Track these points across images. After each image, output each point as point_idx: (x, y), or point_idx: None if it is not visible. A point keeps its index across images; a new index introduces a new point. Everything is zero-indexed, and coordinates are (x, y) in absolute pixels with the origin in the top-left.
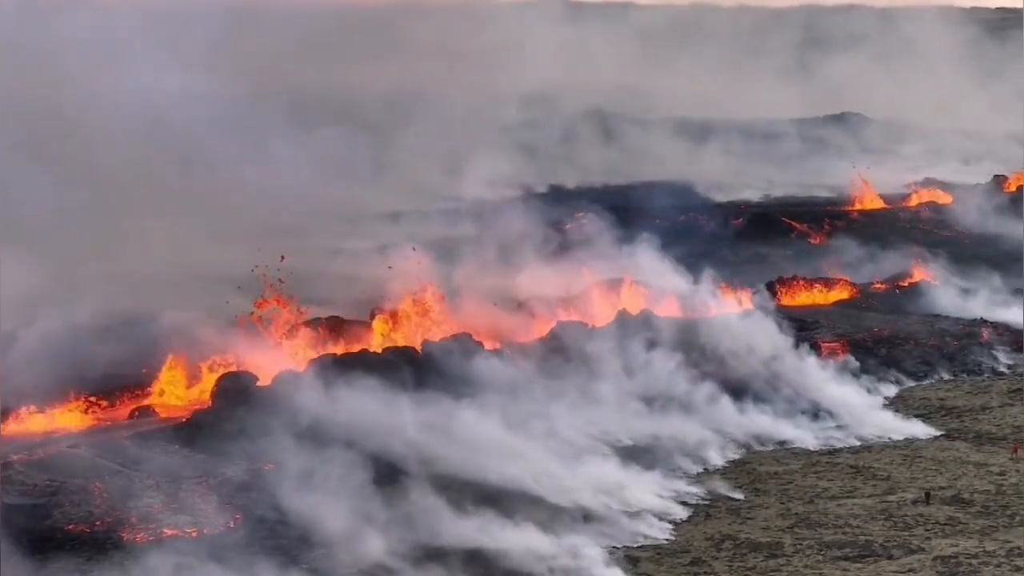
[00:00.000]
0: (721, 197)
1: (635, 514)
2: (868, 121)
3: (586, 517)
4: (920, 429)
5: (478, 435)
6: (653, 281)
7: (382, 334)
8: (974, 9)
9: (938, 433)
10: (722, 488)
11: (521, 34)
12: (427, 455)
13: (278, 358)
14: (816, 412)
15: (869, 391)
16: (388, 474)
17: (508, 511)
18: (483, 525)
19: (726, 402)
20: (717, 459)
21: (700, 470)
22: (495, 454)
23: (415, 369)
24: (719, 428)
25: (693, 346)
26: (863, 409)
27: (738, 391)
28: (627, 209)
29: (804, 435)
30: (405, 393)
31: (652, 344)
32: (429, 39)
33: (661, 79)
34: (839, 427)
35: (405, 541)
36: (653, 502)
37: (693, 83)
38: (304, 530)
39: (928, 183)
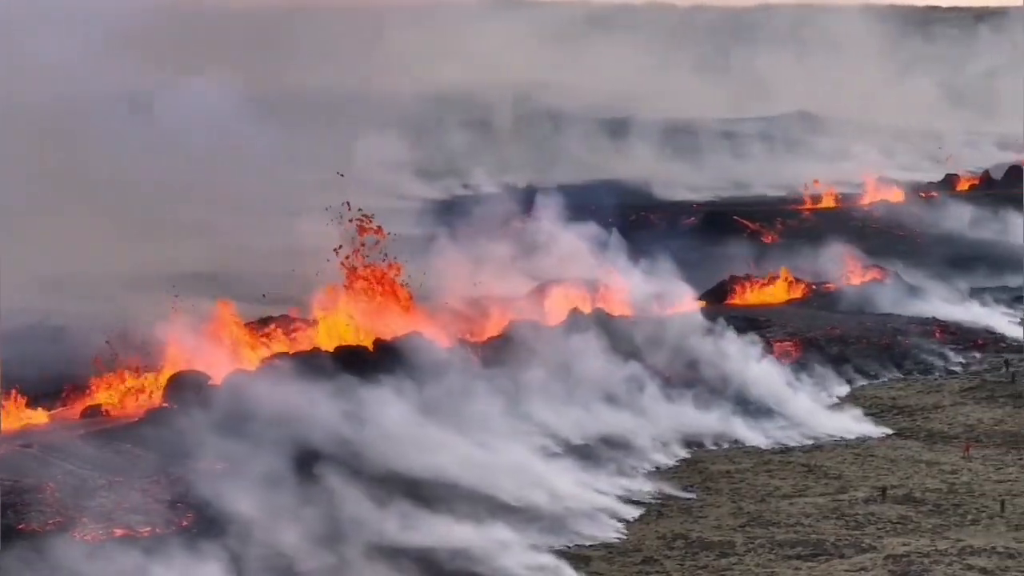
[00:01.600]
0: (672, 196)
1: (585, 513)
2: (819, 119)
3: (535, 516)
4: (872, 428)
5: (428, 435)
6: (606, 280)
7: (335, 333)
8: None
9: (890, 432)
10: (673, 487)
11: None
12: (378, 454)
13: (229, 357)
14: (768, 411)
15: (821, 390)
16: (341, 473)
17: (454, 510)
18: (431, 525)
19: (678, 401)
20: (668, 458)
21: (651, 469)
22: (447, 454)
23: (368, 367)
24: (670, 427)
25: (646, 345)
26: (815, 408)
27: (691, 390)
28: (578, 208)
29: (756, 434)
30: (359, 392)
31: (604, 343)
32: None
33: (619, 78)
34: (791, 426)
35: (359, 542)
36: (604, 501)
37: (639, 82)
38: (254, 530)
39: (881, 182)
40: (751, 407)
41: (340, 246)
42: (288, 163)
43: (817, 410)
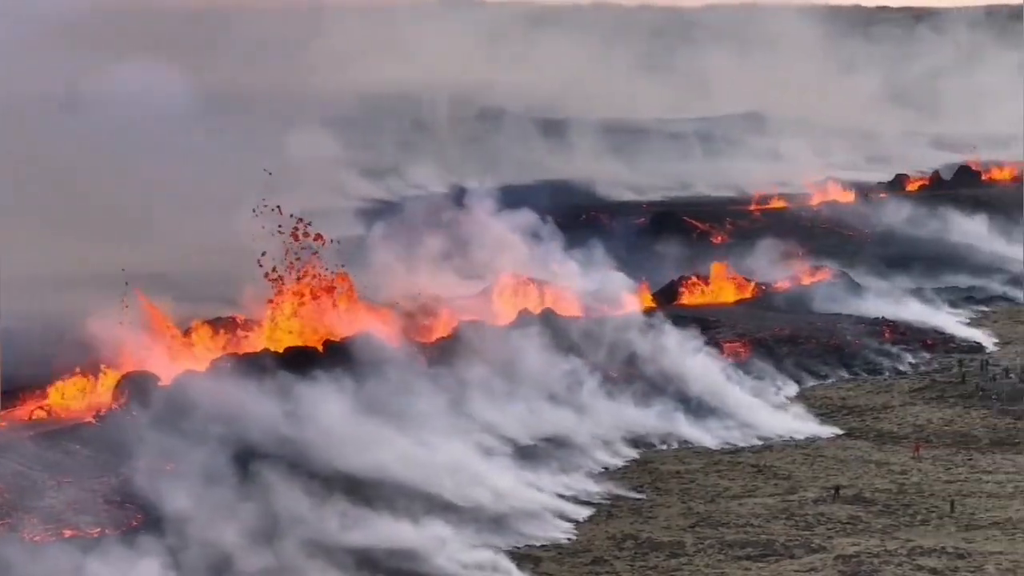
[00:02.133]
0: (619, 196)
1: (535, 513)
2: (764, 120)
3: (485, 517)
4: (822, 428)
5: (377, 435)
6: (555, 280)
7: (284, 332)
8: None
9: (840, 432)
10: (623, 487)
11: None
12: (323, 454)
13: (178, 358)
14: (717, 411)
15: (770, 390)
16: (285, 473)
17: (404, 510)
18: (381, 524)
19: (627, 401)
20: (618, 458)
21: (601, 469)
22: (396, 455)
23: (316, 368)
24: (620, 427)
25: (595, 345)
26: (764, 408)
27: (639, 390)
28: (528, 208)
29: (705, 434)
30: (306, 393)
31: (553, 343)
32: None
33: (561, 78)
34: (741, 426)
35: (302, 540)
36: (554, 501)
37: (583, 82)
38: (198, 529)
39: (830, 182)
40: (700, 408)
41: (264, 253)
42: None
43: (766, 410)
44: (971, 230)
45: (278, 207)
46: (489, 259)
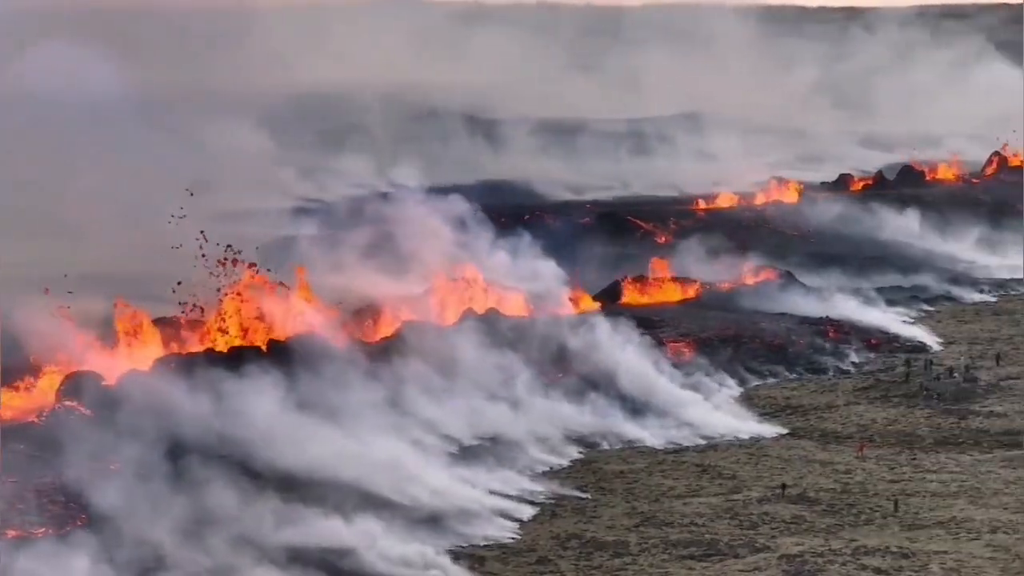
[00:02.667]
0: (560, 196)
1: (480, 513)
2: (705, 119)
3: (430, 517)
4: (766, 428)
5: (323, 436)
6: (499, 280)
7: (230, 332)
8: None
9: (784, 432)
10: (567, 487)
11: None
12: (267, 454)
13: (123, 358)
14: (661, 411)
15: (714, 390)
16: (227, 472)
17: (349, 510)
18: (316, 522)
19: (572, 401)
20: (562, 458)
21: (545, 469)
22: (341, 455)
23: (260, 367)
24: (564, 427)
25: (539, 345)
26: (709, 408)
27: (583, 390)
28: (470, 209)
29: (650, 434)
30: (249, 392)
31: (498, 343)
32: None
33: (499, 78)
34: (684, 426)
35: (240, 539)
36: (498, 501)
37: (522, 82)
38: (140, 529)
39: (774, 182)
40: (644, 408)
41: (179, 282)
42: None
43: (710, 410)
44: (915, 230)
45: (202, 232)
46: (421, 252)
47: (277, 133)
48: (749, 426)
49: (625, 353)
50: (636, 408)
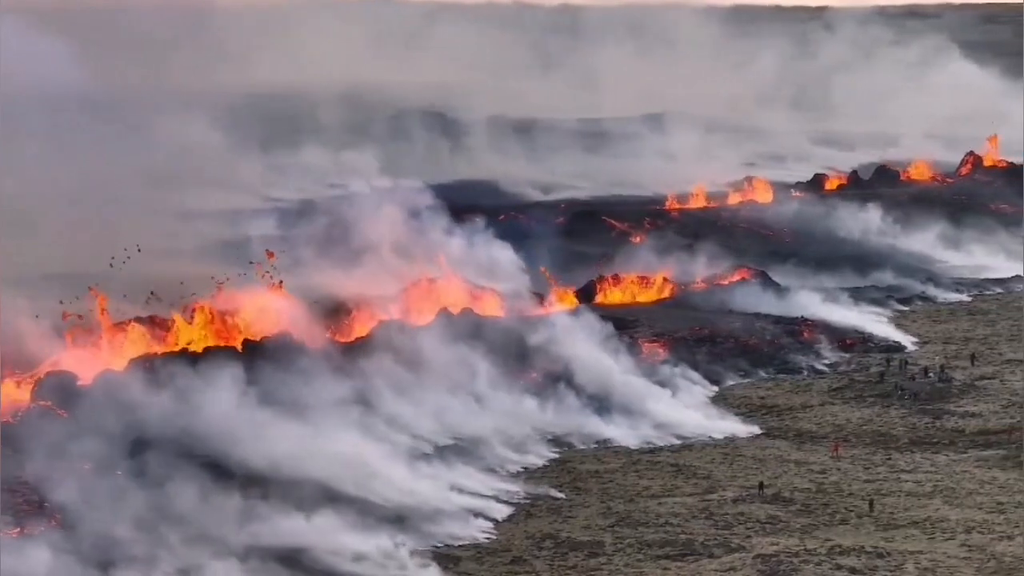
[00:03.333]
0: (536, 196)
1: (454, 513)
2: (677, 119)
3: (405, 517)
4: (740, 428)
5: (297, 435)
6: (475, 280)
7: (203, 332)
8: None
9: (759, 432)
10: (542, 487)
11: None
12: (243, 454)
13: (99, 357)
14: (636, 411)
15: (689, 389)
16: (207, 473)
17: (321, 509)
18: (298, 524)
19: (546, 401)
20: (537, 458)
21: (520, 469)
22: (312, 454)
23: (237, 367)
24: (540, 427)
25: (515, 345)
26: (683, 408)
27: (558, 390)
28: (449, 207)
29: (625, 434)
30: (223, 392)
31: (473, 343)
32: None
33: (465, 76)
34: (659, 426)
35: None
36: (473, 501)
37: (497, 82)
38: (109, 529)
39: (749, 182)
40: (618, 408)
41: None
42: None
43: (685, 410)
44: (889, 230)
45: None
46: (397, 252)
47: (240, 132)
48: (724, 426)
49: (600, 353)
50: (611, 408)
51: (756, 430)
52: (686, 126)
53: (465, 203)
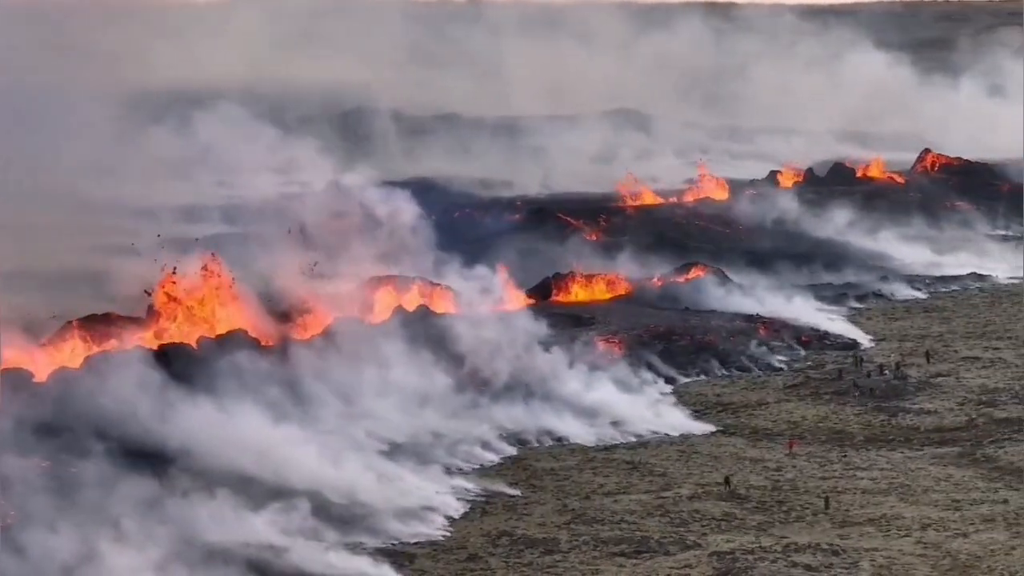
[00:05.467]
0: (494, 193)
1: (410, 510)
2: (643, 117)
3: (360, 513)
4: (696, 425)
5: (248, 432)
6: (431, 278)
7: (159, 330)
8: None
9: (714, 429)
10: (498, 484)
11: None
12: (196, 452)
13: (53, 355)
14: (592, 408)
15: (645, 387)
16: (154, 471)
17: (274, 507)
18: (252, 522)
19: (502, 399)
20: (493, 455)
21: (476, 466)
22: (267, 452)
23: (191, 365)
24: (496, 424)
25: (469, 343)
26: (639, 405)
27: (514, 388)
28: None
29: (580, 431)
30: (178, 389)
31: (429, 340)
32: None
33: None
34: (615, 423)
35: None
36: (428, 498)
37: (449, 80)
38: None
39: (705, 179)
40: (574, 405)
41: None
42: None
43: (641, 407)
44: (845, 227)
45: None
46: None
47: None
48: (679, 423)
49: (556, 351)
50: (566, 405)
51: (712, 427)
52: (655, 124)
53: (425, 200)
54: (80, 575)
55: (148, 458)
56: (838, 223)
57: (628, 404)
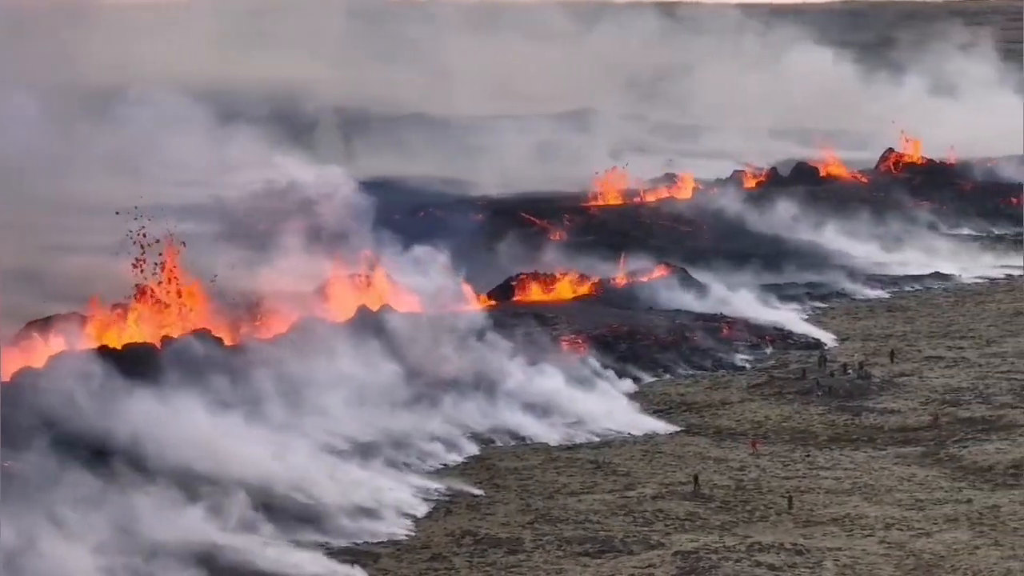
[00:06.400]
0: (455, 193)
1: (373, 510)
2: (606, 117)
3: (323, 513)
4: (660, 424)
5: (212, 432)
6: (394, 277)
7: (125, 329)
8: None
9: (678, 429)
10: (462, 484)
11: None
12: (156, 451)
13: (16, 354)
14: (555, 408)
15: (609, 386)
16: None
17: (235, 508)
18: (212, 522)
19: (466, 397)
20: (456, 455)
21: (439, 466)
22: (230, 452)
23: (154, 364)
24: (459, 423)
25: (433, 342)
26: (602, 404)
27: (476, 387)
28: (370, 204)
29: (544, 431)
30: (141, 388)
31: (393, 340)
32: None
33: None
34: (578, 423)
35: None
36: (392, 498)
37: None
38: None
39: (670, 178)
40: (538, 405)
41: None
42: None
43: (605, 407)
44: (808, 227)
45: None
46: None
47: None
48: (643, 423)
49: (520, 350)
50: (530, 405)
51: (675, 427)
52: (618, 123)
53: (387, 199)
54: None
55: (93, 452)
56: (802, 223)
57: (591, 403)
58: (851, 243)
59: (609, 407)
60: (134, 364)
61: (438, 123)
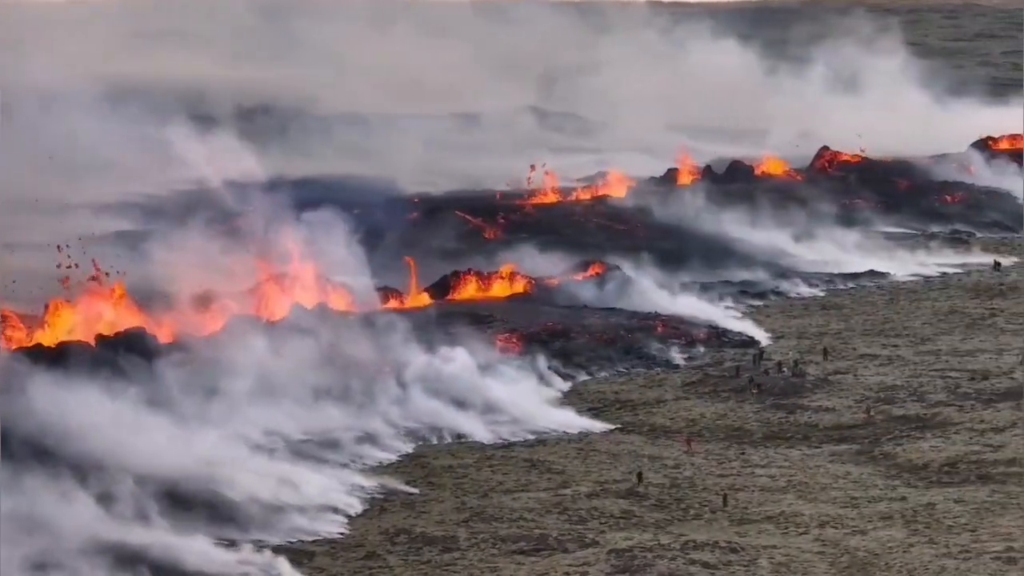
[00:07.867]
0: (389, 191)
1: (306, 508)
2: (543, 114)
3: (255, 512)
4: (595, 423)
5: (142, 431)
6: (328, 275)
7: (58, 328)
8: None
9: (612, 427)
10: (395, 481)
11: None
12: (86, 450)
13: None
14: (490, 406)
15: (543, 385)
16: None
17: (169, 508)
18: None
19: (398, 396)
20: (390, 453)
21: (373, 464)
22: (161, 450)
23: (88, 363)
24: (392, 422)
25: (367, 340)
26: (537, 403)
27: (410, 385)
28: (299, 203)
29: (478, 429)
30: (73, 387)
31: (327, 338)
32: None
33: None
34: (513, 421)
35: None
36: (325, 496)
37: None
38: None
39: (603, 176)
40: (472, 403)
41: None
42: None
43: (539, 405)
44: (743, 225)
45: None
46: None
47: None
48: (578, 421)
49: (454, 348)
50: (465, 404)
51: (610, 425)
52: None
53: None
54: None
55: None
56: (736, 221)
57: (526, 402)
58: (786, 241)
59: (543, 405)
60: (64, 362)
61: (358, 121)
